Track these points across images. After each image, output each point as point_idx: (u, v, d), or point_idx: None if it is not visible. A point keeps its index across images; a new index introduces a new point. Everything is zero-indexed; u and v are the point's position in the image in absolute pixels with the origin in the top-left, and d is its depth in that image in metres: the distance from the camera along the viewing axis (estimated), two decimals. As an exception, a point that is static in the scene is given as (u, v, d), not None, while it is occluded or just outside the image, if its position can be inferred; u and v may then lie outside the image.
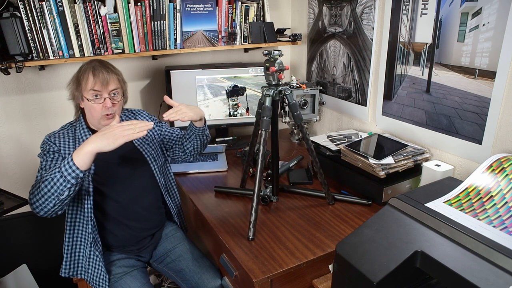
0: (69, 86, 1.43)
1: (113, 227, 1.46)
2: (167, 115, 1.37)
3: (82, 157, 1.17)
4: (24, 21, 1.60)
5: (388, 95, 1.72)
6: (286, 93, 1.42)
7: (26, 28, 1.61)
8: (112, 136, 1.19)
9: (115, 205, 1.45)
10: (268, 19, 2.13)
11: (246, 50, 2.30)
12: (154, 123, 1.63)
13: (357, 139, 1.71)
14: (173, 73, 2.01)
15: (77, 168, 1.17)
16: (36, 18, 1.61)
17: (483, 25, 1.28)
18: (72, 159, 1.17)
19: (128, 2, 1.75)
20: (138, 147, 1.53)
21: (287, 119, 2.14)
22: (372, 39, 1.77)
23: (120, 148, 1.45)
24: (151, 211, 1.54)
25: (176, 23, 1.89)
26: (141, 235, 1.52)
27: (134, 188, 1.49)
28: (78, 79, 1.39)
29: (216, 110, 2.13)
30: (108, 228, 1.46)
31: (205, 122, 1.55)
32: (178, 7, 1.87)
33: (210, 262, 1.56)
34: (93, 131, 1.43)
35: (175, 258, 1.56)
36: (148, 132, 1.59)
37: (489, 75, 1.29)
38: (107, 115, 1.40)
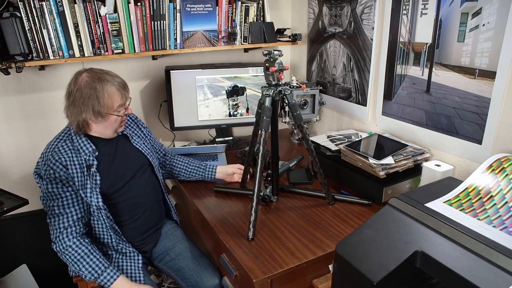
0: (78, 110, 1.30)
1: (120, 227, 1.45)
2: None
3: None
4: (24, 21, 1.60)
5: (388, 95, 1.72)
6: (286, 93, 1.42)
7: (26, 28, 1.61)
8: None
9: (123, 206, 1.44)
10: (268, 19, 2.13)
11: (246, 50, 2.30)
12: (146, 131, 1.63)
13: (357, 139, 1.71)
14: (173, 73, 2.01)
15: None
16: (36, 18, 1.61)
17: (483, 25, 1.28)
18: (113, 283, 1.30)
19: (128, 2, 1.75)
20: (136, 146, 1.52)
21: (287, 119, 2.14)
22: (372, 39, 1.77)
23: (120, 150, 1.47)
24: (154, 207, 1.54)
25: (176, 23, 1.89)
26: (145, 231, 1.52)
27: (139, 186, 1.48)
28: (99, 100, 1.28)
29: (216, 110, 2.13)
30: (115, 228, 1.45)
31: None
32: (178, 7, 1.87)
33: (209, 260, 1.56)
34: (92, 138, 1.38)
35: (174, 257, 1.56)
36: (142, 131, 1.60)
37: (489, 75, 1.29)
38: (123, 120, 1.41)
